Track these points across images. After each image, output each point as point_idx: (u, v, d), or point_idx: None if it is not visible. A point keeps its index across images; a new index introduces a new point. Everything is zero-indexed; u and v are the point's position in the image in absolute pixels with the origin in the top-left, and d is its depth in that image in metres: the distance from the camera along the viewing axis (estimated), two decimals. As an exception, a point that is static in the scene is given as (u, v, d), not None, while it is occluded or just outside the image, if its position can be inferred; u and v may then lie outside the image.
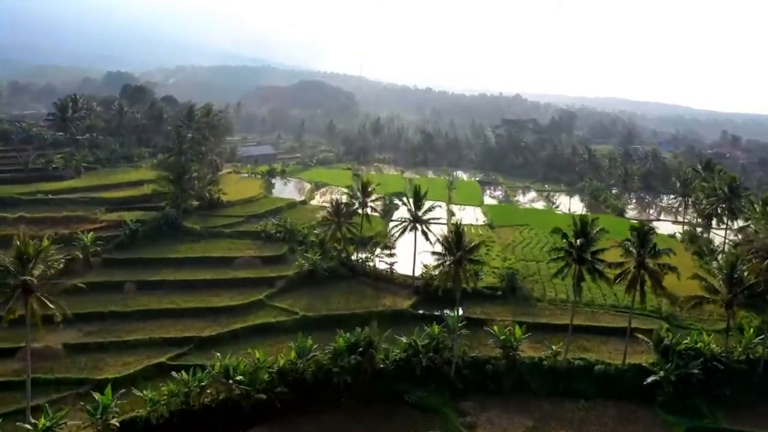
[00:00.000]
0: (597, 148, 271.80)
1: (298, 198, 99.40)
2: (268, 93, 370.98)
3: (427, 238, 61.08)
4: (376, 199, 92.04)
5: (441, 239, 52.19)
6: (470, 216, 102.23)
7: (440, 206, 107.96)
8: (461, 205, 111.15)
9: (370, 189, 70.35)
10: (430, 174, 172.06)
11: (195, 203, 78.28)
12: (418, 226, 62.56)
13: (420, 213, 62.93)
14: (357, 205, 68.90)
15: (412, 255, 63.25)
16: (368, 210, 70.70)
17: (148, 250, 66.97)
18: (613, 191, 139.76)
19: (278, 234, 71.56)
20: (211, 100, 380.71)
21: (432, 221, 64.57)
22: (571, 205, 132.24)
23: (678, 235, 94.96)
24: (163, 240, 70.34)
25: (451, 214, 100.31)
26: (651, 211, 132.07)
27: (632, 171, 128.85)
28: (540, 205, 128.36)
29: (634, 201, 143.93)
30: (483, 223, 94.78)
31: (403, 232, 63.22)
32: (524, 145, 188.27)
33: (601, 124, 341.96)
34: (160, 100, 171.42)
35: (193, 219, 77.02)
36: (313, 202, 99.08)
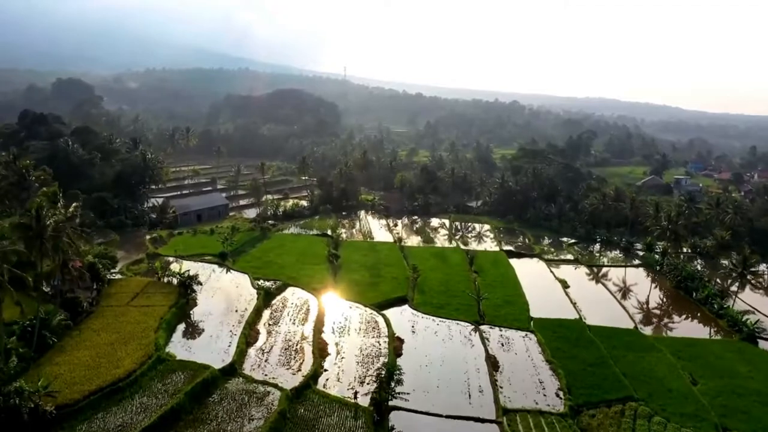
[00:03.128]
0: (619, 171, 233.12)
1: (225, 350, 55.78)
2: (238, 104, 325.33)
3: None
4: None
5: None
6: (522, 361, 60.05)
7: (467, 336, 65.84)
8: (500, 327, 68.76)
9: None
10: (434, 223, 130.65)
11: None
12: None
13: None
14: None
15: None
16: None
17: None
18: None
19: None
20: (174, 110, 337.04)
21: None
22: (630, 281, 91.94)
23: None
24: None
25: (494, 368, 57.62)
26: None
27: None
28: (594, 287, 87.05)
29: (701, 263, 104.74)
30: (560, 404, 52.29)
31: None
32: (548, 181, 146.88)
33: (618, 139, 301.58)
34: (70, 133, 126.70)
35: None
36: (252, 357, 55.76)
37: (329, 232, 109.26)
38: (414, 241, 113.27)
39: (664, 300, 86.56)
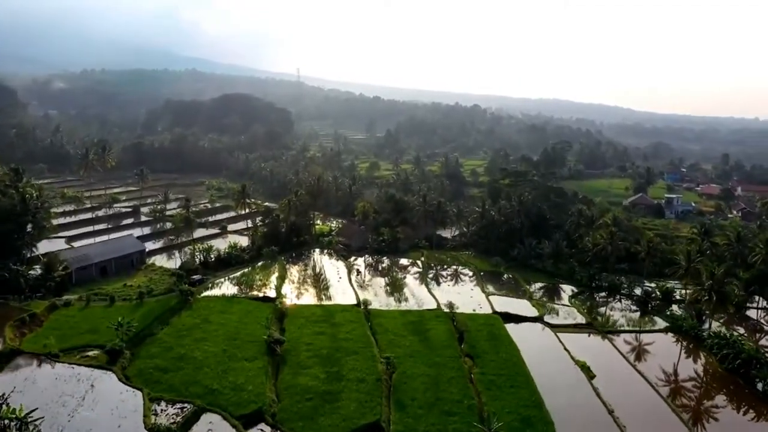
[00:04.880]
0: (597, 185, 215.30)
1: None
2: (179, 110, 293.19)
3: None
4: None
5: None
6: None
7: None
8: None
9: None
10: (404, 261, 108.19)
11: None
12: None
13: None
14: None
15: None
16: None
17: None
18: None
19: None
20: (109, 116, 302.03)
21: None
22: (660, 356, 71.92)
23: None
24: None
25: None
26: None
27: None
28: (624, 373, 65.71)
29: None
30: None
31: None
32: (536, 208, 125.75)
33: (588, 147, 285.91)
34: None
35: None
36: None
37: (273, 293, 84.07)
38: (381, 294, 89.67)
39: (719, 393, 65.14)
